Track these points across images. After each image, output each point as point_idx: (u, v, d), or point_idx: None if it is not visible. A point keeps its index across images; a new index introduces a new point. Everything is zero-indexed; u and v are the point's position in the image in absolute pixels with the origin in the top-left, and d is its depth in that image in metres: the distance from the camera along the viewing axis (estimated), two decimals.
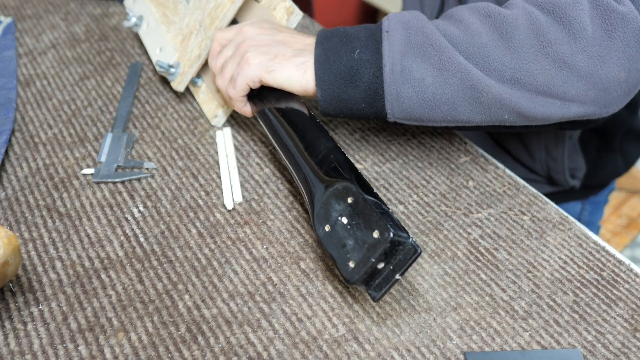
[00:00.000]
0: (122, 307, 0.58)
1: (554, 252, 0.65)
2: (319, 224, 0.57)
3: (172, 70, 0.79)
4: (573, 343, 0.56)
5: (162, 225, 0.66)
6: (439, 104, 0.62)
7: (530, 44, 0.59)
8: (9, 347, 0.54)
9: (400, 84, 0.62)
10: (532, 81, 0.60)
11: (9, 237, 0.53)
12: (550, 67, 0.59)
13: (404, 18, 0.63)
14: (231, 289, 0.60)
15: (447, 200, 0.70)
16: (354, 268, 0.53)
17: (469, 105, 0.62)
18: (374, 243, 0.52)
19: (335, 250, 0.55)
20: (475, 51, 0.60)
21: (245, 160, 0.74)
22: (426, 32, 0.61)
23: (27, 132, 0.77)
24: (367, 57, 0.63)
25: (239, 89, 0.68)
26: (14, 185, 0.70)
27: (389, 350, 0.55)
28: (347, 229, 0.55)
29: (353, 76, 0.63)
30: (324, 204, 0.58)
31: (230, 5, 0.75)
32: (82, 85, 0.85)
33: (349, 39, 0.64)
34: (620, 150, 0.93)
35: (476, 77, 0.60)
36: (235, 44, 0.70)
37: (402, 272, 0.53)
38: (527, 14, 0.60)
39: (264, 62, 0.66)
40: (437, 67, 0.61)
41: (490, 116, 0.63)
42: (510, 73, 0.60)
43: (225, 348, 0.55)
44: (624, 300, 0.60)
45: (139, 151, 0.75)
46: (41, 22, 0.98)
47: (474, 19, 0.61)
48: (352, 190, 0.56)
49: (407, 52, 0.61)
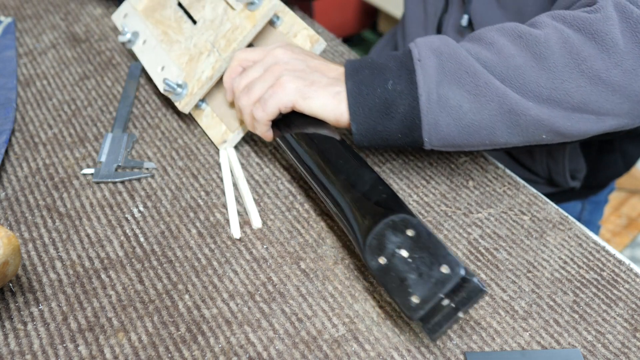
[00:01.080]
0: (122, 307, 0.58)
1: (554, 252, 0.65)
2: (371, 256, 0.54)
3: (178, 90, 0.76)
4: (573, 343, 0.56)
5: (162, 225, 0.66)
6: (477, 129, 0.61)
7: (565, 62, 0.59)
8: (9, 347, 0.54)
9: (437, 112, 0.61)
10: (568, 99, 0.60)
11: (9, 237, 0.53)
12: (586, 83, 0.59)
13: (434, 44, 0.62)
14: (231, 289, 0.60)
15: (447, 200, 0.70)
16: (419, 304, 0.50)
17: (507, 128, 0.61)
18: (442, 278, 0.50)
19: (393, 284, 0.52)
20: (511, 74, 0.60)
21: (245, 160, 0.74)
22: (459, 58, 0.61)
23: (27, 132, 0.77)
24: (401, 87, 0.61)
25: (269, 112, 0.65)
26: (14, 185, 0.70)
27: (389, 350, 0.55)
28: (407, 262, 0.52)
29: (388, 108, 0.62)
30: (377, 235, 0.55)
31: (251, 29, 0.73)
32: (82, 85, 0.85)
33: (380, 70, 0.63)
34: (621, 151, 0.93)
35: (514, 100, 0.60)
36: (264, 65, 0.67)
37: (466, 311, 0.51)
38: (558, 33, 0.59)
39: (301, 88, 0.64)
40: (474, 93, 0.60)
41: (528, 137, 0.63)
42: (547, 93, 0.60)
43: (225, 348, 0.55)
44: (624, 300, 0.60)
45: (139, 151, 0.75)
46: (41, 22, 0.98)
47: (505, 41, 0.61)
48: (412, 223, 0.54)
49: (442, 80, 0.60)
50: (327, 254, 0.63)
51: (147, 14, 0.87)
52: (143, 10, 0.87)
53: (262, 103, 0.65)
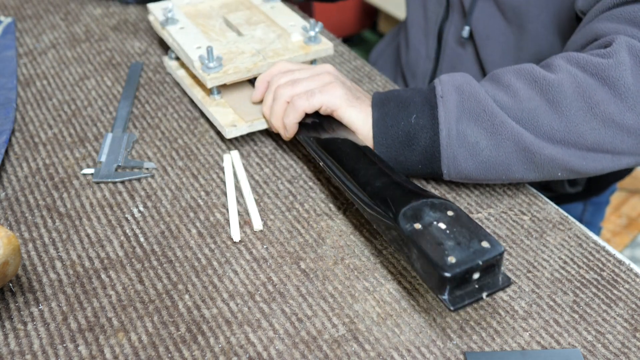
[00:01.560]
0: (122, 307, 0.58)
1: (554, 252, 0.65)
2: (405, 221, 0.54)
3: (212, 64, 0.74)
4: (573, 343, 0.56)
5: (162, 225, 0.66)
6: (493, 165, 0.64)
7: (578, 106, 0.61)
8: (9, 347, 0.54)
9: (456, 147, 0.64)
10: (582, 141, 0.62)
11: (9, 237, 0.53)
12: (600, 126, 0.61)
13: (456, 82, 0.65)
14: (231, 289, 0.60)
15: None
16: (455, 263, 0.50)
17: (523, 165, 0.64)
18: (482, 250, 0.51)
19: (428, 245, 0.52)
20: (525, 116, 0.62)
21: (245, 160, 0.74)
22: (478, 97, 0.63)
23: (27, 132, 0.77)
24: (423, 122, 0.65)
25: (313, 103, 0.68)
26: (14, 185, 0.70)
27: (389, 350, 0.55)
28: (445, 232, 0.53)
29: (410, 140, 0.65)
30: (414, 208, 0.55)
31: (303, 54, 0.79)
32: (82, 85, 0.85)
33: (405, 104, 0.66)
34: None
35: (528, 140, 0.62)
36: (313, 72, 0.71)
37: (489, 294, 0.52)
38: (571, 77, 0.61)
39: (349, 96, 0.68)
40: (490, 131, 0.62)
41: (544, 174, 0.65)
42: (560, 135, 0.62)
43: (225, 348, 0.55)
44: (623, 300, 0.60)
45: (139, 151, 0.75)
46: (41, 22, 0.98)
47: (520, 85, 0.63)
48: (452, 207, 0.55)
49: (461, 117, 0.63)
50: (327, 254, 0.63)
51: (189, 14, 0.88)
52: (186, 11, 0.89)
53: (309, 94, 0.68)
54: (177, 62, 0.87)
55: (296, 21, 0.84)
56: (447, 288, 0.50)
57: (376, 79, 0.89)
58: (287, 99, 0.69)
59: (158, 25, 0.86)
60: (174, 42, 0.82)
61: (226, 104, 0.78)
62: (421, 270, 0.52)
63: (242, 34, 0.83)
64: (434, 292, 0.52)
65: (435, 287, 0.51)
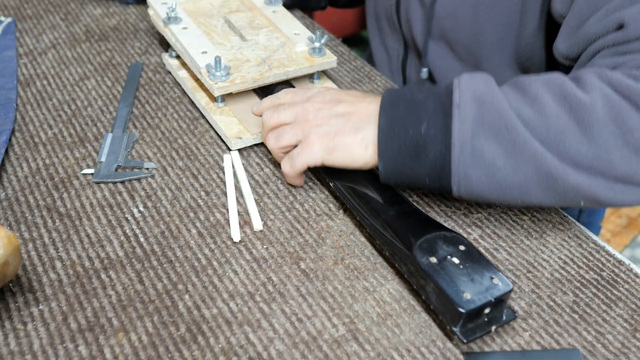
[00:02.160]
0: (122, 307, 0.58)
1: (554, 252, 0.65)
2: (422, 254, 0.56)
3: (218, 73, 0.74)
4: (573, 343, 0.56)
5: (162, 225, 0.66)
6: (510, 187, 0.59)
7: (610, 131, 0.56)
8: (9, 347, 0.54)
9: (469, 165, 0.58)
10: (611, 170, 0.57)
11: (9, 237, 0.53)
12: (631, 155, 0.56)
13: (477, 90, 0.59)
14: (231, 289, 0.60)
15: (447, 200, 0.70)
16: (471, 299, 0.53)
17: (543, 191, 0.59)
18: (493, 287, 0.54)
19: (445, 280, 0.54)
20: (551, 137, 0.57)
21: (245, 161, 0.74)
22: (501, 110, 0.57)
23: (27, 132, 0.77)
24: (434, 132, 0.59)
25: (298, 168, 0.66)
26: (14, 185, 0.70)
27: (389, 350, 0.55)
28: (459, 267, 0.55)
29: (418, 152, 0.60)
30: (428, 240, 0.58)
31: (308, 67, 0.79)
32: (82, 85, 0.85)
33: (416, 109, 0.60)
34: None
35: (552, 165, 0.57)
36: (295, 113, 0.67)
37: (497, 328, 0.55)
38: (605, 99, 0.57)
39: (325, 143, 0.64)
40: (511, 151, 0.57)
41: (565, 202, 0.60)
42: (588, 162, 0.57)
43: (225, 348, 0.55)
44: (623, 301, 0.60)
45: (139, 151, 0.75)
46: (41, 22, 0.98)
47: (548, 99, 0.58)
48: (464, 241, 0.58)
49: (478, 131, 0.57)
50: (327, 254, 0.63)
51: (189, 12, 0.88)
52: (185, 8, 0.89)
53: (290, 159, 0.66)
54: (178, 62, 0.87)
55: (300, 30, 0.84)
56: (461, 322, 0.53)
57: (376, 79, 0.89)
58: (276, 152, 0.68)
59: (160, 22, 0.86)
60: (177, 44, 0.82)
61: (230, 112, 0.78)
62: (436, 302, 0.55)
63: (246, 39, 0.82)
64: (447, 324, 0.55)
65: (449, 320, 0.54)
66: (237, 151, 0.75)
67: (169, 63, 0.87)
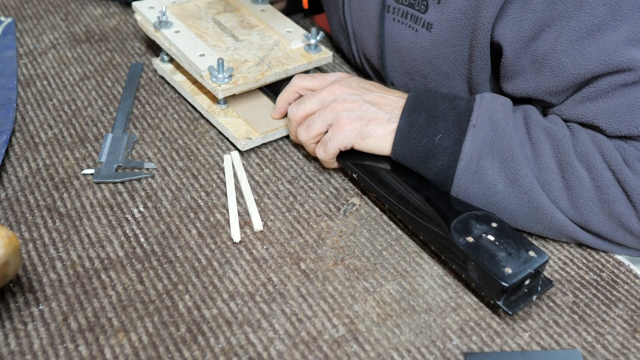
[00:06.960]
0: (122, 308, 0.58)
1: (554, 252, 0.65)
2: (458, 235, 0.59)
3: (221, 75, 0.74)
4: (572, 344, 0.56)
5: (162, 225, 0.66)
6: (503, 210, 0.63)
7: (590, 197, 0.61)
8: (9, 347, 0.54)
9: (470, 182, 0.62)
10: (588, 226, 0.62)
11: (9, 237, 0.53)
12: (606, 220, 0.61)
13: (495, 114, 0.62)
14: (231, 290, 0.60)
15: None
16: (512, 273, 0.55)
17: (531, 221, 0.63)
18: (530, 259, 0.57)
19: (484, 257, 0.57)
20: (543, 181, 0.61)
21: (245, 161, 0.74)
22: (511, 142, 0.61)
23: (27, 132, 0.77)
24: (447, 144, 0.62)
25: (330, 152, 0.68)
26: (14, 185, 0.70)
27: (389, 350, 0.55)
28: (495, 244, 0.58)
29: (429, 158, 0.63)
30: (461, 221, 0.60)
31: (306, 63, 0.79)
32: (82, 85, 0.85)
33: (436, 119, 0.63)
34: None
35: (544, 202, 0.61)
36: (321, 99, 0.68)
37: (538, 297, 0.58)
38: (594, 170, 0.60)
39: (358, 129, 0.65)
40: (512, 178, 0.61)
41: (551, 235, 0.64)
42: (569, 215, 0.62)
43: (226, 348, 0.55)
44: (623, 301, 0.60)
45: (139, 151, 0.75)
46: (41, 22, 0.98)
47: (546, 149, 0.62)
48: (495, 218, 0.60)
49: (487, 154, 0.61)
50: (327, 255, 0.63)
51: (178, 15, 0.88)
52: (173, 11, 0.88)
53: (323, 145, 0.68)
54: (172, 66, 0.86)
55: (292, 27, 0.85)
56: (504, 296, 0.56)
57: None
58: (309, 144, 0.70)
59: (149, 27, 0.85)
60: (172, 48, 0.81)
61: (234, 113, 0.78)
62: (478, 280, 0.58)
63: (239, 39, 0.83)
64: (490, 299, 0.57)
65: (493, 294, 0.56)
66: (237, 151, 0.75)
67: (162, 68, 0.86)
